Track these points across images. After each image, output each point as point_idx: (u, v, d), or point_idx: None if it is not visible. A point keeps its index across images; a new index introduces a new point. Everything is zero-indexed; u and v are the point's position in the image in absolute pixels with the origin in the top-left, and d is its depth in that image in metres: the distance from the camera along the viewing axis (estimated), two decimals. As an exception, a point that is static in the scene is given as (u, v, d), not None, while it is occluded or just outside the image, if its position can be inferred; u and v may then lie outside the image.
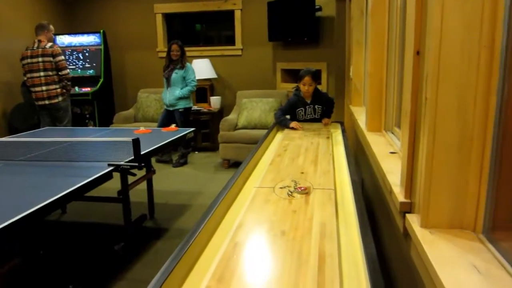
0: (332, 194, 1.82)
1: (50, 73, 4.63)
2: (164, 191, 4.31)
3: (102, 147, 2.99)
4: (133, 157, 2.54)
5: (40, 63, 4.59)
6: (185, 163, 5.42)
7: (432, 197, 1.18)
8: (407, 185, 1.40)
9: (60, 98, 4.72)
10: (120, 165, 2.42)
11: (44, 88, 4.63)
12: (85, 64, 6.27)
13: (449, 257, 1.04)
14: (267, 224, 1.52)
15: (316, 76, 3.54)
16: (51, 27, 4.84)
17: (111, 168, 2.41)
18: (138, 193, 3.57)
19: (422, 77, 1.23)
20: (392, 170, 1.76)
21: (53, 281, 2.60)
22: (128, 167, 2.42)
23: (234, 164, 5.26)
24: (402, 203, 1.39)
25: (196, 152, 6.02)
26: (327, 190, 1.88)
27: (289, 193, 1.84)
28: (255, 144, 2.89)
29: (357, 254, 1.32)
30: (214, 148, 6.06)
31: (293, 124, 3.38)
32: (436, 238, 1.14)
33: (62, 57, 4.71)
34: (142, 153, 2.63)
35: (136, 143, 2.51)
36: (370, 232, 1.39)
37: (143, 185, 3.46)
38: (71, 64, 6.16)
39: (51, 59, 4.61)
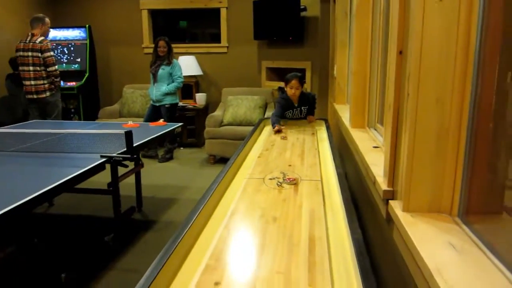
0: (319, 185, 1.93)
1: (38, 68, 4.61)
2: (151, 185, 4.37)
3: (94, 139, 3.04)
4: (125, 149, 2.61)
5: (30, 58, 4.57)
6: (171, 158, 5.48)
7: (413, 184, 1.30)
8: (390, 174, 1.51)
9: (47, 93, 4.70)
10: (112, 156, 2.49)
11: (32, 82, 4.62)
12: (70, 58, 6.26)
13: (428, 237, 1.15)
14: (259, 211, 1.61)
15: (302, 80, 3.60)
16: (47, 20, 4.77)
17: (103, 159, 2.47)
18: (126, 187, 3.62)
19: (405, 74, 1.34)
20: (375, 163, 1.88)
21: (46, 269, 2.65)
22: (121, 158, 2.49)
23: (220, 160, 5.33)
24: (385, 191, 1.50)
25: (182, 148, 6.08)
26: (314, 181, 1.99)
27: (279, 183, 1.94)
28: (241, 140, 2.97)
29: (344, 238, 1.43)
30: (199, 144, 6.13)
31: (276, 129, 3.27)
32: (417, 220, 1.25)
33: (51, 53, 4.67)
34: (134, 145, 2.70)
35: (128, 135, 2.57)
36: (356, 218, 1.50)
37: (131, 179, 3.52)
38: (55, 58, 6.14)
39: (39, 54, 4.58)
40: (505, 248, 1.04)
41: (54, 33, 6.29)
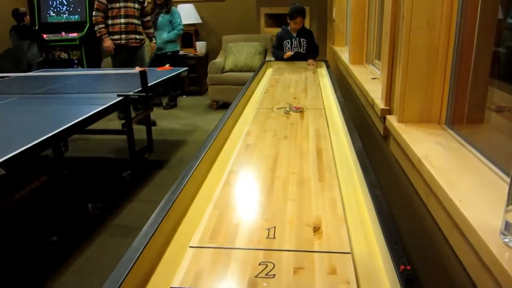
0: (322, 112, 2.14)
1: None
2: (159, 129, 4.58)
3: (110, 81, 3.21)
4: (140, 88, 2.78)
5: None
6: (175, 105, 5.65)
7: (406, 99, 1.50)
8: (387, 95, 1.71)
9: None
10: (129, 95, 2.67)
11: None
12: (69, 9, 6.27)
13: (419, 138, 1.37)
14: (271, 132, 1.83)
15: (305, 14, 3.88)
16: None
17: (120, 98, 2.66)
18: (136, 132, 3.81)
19: (400, 1, 1.51)
20: (373, 90, 2.09)
21: (74, 199, 2.90)
22: (137, 97, 2.67)
23: (223, 106, 5.51)
24: (383, 109, 1.71)
25: (184, 96, 6.24)
26: (317, 109, 2.20)
27: (286, 111, 2.15)
28: (242, 86, 3.12)
29: (346, 148, 1.65)
30: (201, 92, 6.28)
31: (286, 54, 3.83)
32: (410, 128, 1.47)
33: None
34: (149, 84, 2.87)
35: (143, 74, 2.74)
36: (356, 133, 1.71)
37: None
38: (55, 10, 6.18)
39: None
40: (483, 145, 1.25)
41: (52, -16, 6.29)
